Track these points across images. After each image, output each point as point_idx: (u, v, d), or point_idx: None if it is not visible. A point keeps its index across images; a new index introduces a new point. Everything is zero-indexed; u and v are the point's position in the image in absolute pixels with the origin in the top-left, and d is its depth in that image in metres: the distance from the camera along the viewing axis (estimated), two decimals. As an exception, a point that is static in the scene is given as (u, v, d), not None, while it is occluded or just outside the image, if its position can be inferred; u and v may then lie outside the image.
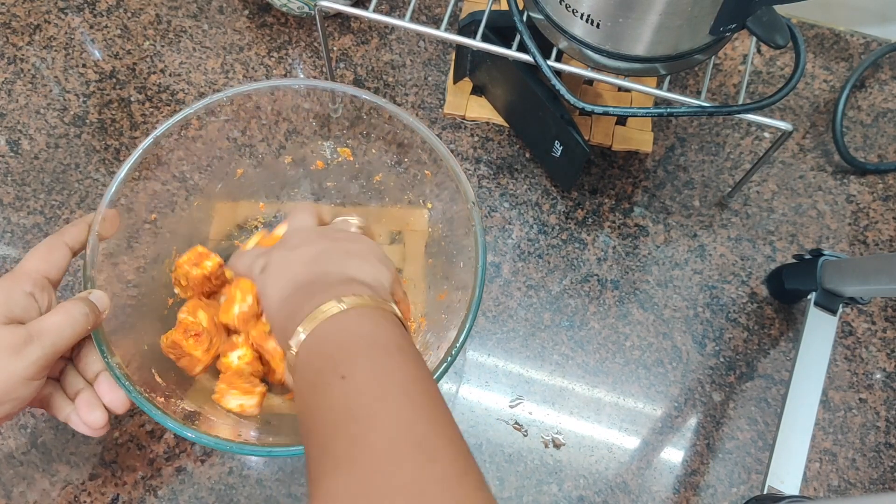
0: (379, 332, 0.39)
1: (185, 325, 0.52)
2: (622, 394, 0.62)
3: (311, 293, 0.42)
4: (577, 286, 0.65)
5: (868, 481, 0.59)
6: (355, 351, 0.38)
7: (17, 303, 0.44)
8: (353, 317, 0.40)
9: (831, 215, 0.69)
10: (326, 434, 0.35)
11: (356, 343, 0.39)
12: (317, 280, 0.44)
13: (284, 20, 0.75)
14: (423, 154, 0.56)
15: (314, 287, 0.43)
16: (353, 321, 0.40)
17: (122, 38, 0.74)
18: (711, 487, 0.59)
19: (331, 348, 0.39)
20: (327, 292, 0.41)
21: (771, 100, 0.55)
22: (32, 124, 0.69)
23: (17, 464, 0.57)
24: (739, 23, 0.51)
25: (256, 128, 0.58)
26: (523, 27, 0.55)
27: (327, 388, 0.37)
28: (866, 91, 0.74)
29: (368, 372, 0.37)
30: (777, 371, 0.63)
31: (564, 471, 0.59)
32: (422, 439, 0.34)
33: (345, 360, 0.38)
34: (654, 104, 0.72)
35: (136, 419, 0.59)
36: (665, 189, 0.69)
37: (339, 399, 0.36)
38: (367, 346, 0.39)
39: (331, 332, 0.39)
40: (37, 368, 0.43)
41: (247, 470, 0.58)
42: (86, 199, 0.66)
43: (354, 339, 0.39)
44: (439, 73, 0.73)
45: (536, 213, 0.67)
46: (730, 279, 0.66)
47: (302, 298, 0.42)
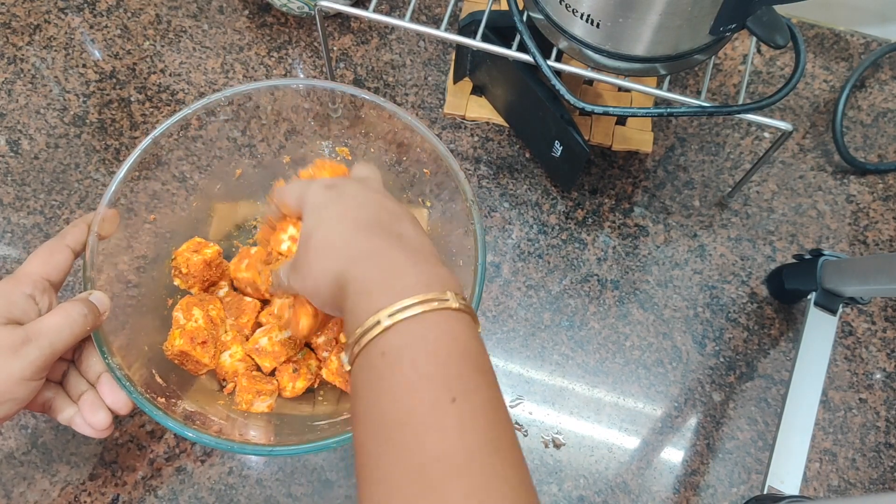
0: (483, 357, 0.35)
1: (191, 333, 0.52)
2: (622, 394, 0.62)
3: (411, 255, 0.37)
4: (577, 286, 0.65)
5: (868, 481, 0.59)
6: (467, 374, 0.34)
7: (17, 304, 0.44)
8: (463, 323, 0.35)
9: (831, 215, 0.69)
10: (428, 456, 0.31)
11: (466, 363, 0.34)
12: (407, 237, 0.38)
13: (284, 20, 0.75)
14: (423, 153, 0.56)
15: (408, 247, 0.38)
16: (463, 328, 0.35)
17: (122, 38, 0.74)
18: (711, 487, 0.59)
19: (439, 354, 0.34)
20: (434, 269, 0.36)
21: (771, 100, 0.55)
22: (32, 124, 0.69)
23: (18, 464, 0.57)
24: (739, 23, 0.51)
25: (256, 128, 0.58)
26: (523, 27, 0.55)
27: (434, 406, 0.32)
28: (866, 91, 0.74)
29: (484, 404, 0.33)
30: (777, 371, 0.63)
31: (564, 471, 0.59)
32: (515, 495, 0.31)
33: (456, 379, 0.33)
34: (654, 104, 0.72)
35: (136, 419, 0.59)
36: (665, 189, 0.69)
37: (450, 428, 0.32)
38: (476, 370, 0.34)
39: (439, 332, 0.34)
40: (34, 369, 0.43)
41: (247, 470, 0.58)
42: (86, 199, 0.66)
43: (465, 357, 0.34)
44: (439, 73, 0.73)
45: (536, 213, 0.67)
46: (730, 279, 0.66)
47: (400, 254, 0.37)
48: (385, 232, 0.39)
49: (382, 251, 0.38)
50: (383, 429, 0.33)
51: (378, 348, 0.34)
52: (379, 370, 0.34)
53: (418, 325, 0.34)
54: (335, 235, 0.39)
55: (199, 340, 0.53)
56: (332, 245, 0.39)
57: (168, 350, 0.53)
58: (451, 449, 0.31)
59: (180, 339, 0.52)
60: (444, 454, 0.31)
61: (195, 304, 0.54)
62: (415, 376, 0.33)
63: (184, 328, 0.53)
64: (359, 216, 0.40)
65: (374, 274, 0.37)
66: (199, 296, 0.56)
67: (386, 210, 0.41)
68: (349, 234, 0.39)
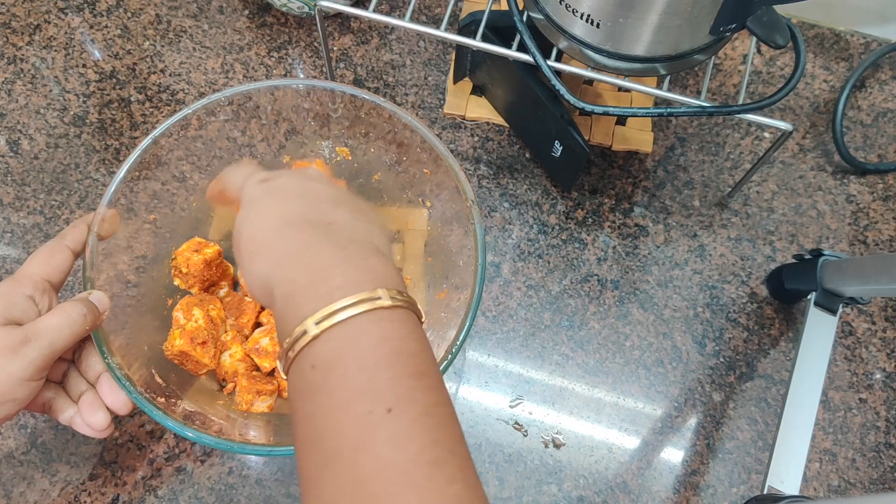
0: (421, 356, 0.33)
1: (191, 333, 0.52)
2: (622, 394, 0.62)
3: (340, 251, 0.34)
4: (577, 286, 0.65)
5: (868, 481, 0.59)
6: (402, 381, 0.31)
7: (17, 305, 0.44)
8: (396, 322, 0.33)
9: (831, 215, 0.69)
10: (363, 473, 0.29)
11: (401, 368, 0.32)
12: (340, 229, 0.36)
13: (284, 20, 0.75)
14: (423, 153, 0.56)
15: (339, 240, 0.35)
16: (396, 328, 0.33)
17: (122, 38, 0.74)
18: (711, 487, 0.59)
19: (370, 361, 0.32)
20: (364, 265, 0.34)
21: (771, 100, 0.55)
22: (32, 124, 0.69)
23: (17, 464, 0.57)
24: (739, 23, 0.51)
25: (256, 128, 0.58)
26: (523, 27, 0.55)
27: (365, 419, 0.30)
28: (866, 91, 0.74)
29: (420, 415, 0.31)
30: (777, 371, 0.63)
31: (564, 471, 0.59)
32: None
33: (389, 388, 0.31)
34: (654, 104, 0.72)
35: (136, 419, 0.59)
36: (665, 189, 0.69)
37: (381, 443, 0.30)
38: (413, 375, 0.32)
39: (370, 337, 0.32)
40: (34, 369, 0.43)
41: (247, 470, 0.58)
42: (86, 199, 0.66)
43: (398, 361, 0.32)
44: (439, 73, 0.73)
45: (536, 213, 0.67)
46: (730, 279, 0.66)
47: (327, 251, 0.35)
48: (315, 225, 0.36)
49: (309, 248, 0.35)
50: (318, 447, 0.31)
51: (308, 360, 0.32)
52: (310, 383, 0.32)
53: (348, 331, 0.32)
54: (261, 234, 0.37)
55: (199, 340, 0.53)
56: (258, 244, 0.37)
57: (168, 350, 0.53)
58: (384, 466, 0.29)
59: (180, 339, 0.52)
60: (378, 472, 0.29)
61: (195, 304, 0.54)
62: (346, 389, 0.31)
63: (184, 328, 0.53)
64: (289, 210, 0.37)
65: (300, 276, 0.34)
66: (199, 296, 0.56)
67: (320, 199, 0.38)
68: (275, 233, 0.36)
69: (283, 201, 0.38)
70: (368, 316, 0.32)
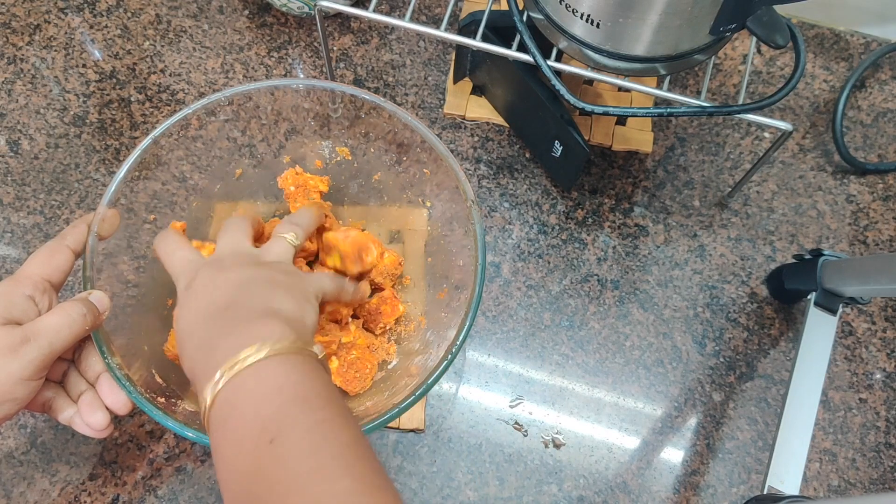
0: (306, 384, 0.37)
1: None
2: (622, 394, 0.62)
3: (230, 326, 0.39)
4: (577, 286, 0.65)
5: (868, 481, 0.59)
6: (283, 409, 0.35)
7: (17, 305, 0.44)
8: (277, 364, 0.37)
9: (831, 215, 0.69)
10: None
11: (283, 398, 0.36)
12: (237, 307, 0.41)
13: (284, 20, 0.75)
14: (423, 153, 0.56)
15: (233, 317, 0.40)
16: (276, 370, 0.37)
17: (122, 38, 0.74)
18: (711, 487, 0.59)
19: (254, 402, 0.36)
20: (247, 329, 0.39)
21: (771, 100, 0.55)
22: (32, 124, 0.69)
23: (17, 464, 0.57)
24: (739, 23, 0.51)
25: (256, 128, 0.58)
26: (523, 27, 0.55)
27: (255, 453, 0.34)
28: (866, 91, 0.74)
29: (301, 435, 0.34)
30: (777, 371, 0.63)
31: (564, 471, 0.59)
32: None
33: (272, 419, 0.35)
34: (654, 104, 0.72)
35: (136, 419, 0.59)
36: (665, 189, 0.69)
37: (270, 468, 0.33)
38: (294, 401, 0.35)
39: (253, 383, 0.36)
40: (34, 369, 0.42)
41: (247, 470, 0.58)
42: (86, 199, 0.66)
43: (280, 394, 0.36)
44: (439, 73, 0.73)
45: (536, 213, 0.67)
46: (730, 279, 0.66)
47: (219, 331, 0.39)
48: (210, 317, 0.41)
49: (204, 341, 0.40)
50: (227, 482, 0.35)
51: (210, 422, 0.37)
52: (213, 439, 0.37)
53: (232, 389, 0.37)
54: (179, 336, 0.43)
55: None
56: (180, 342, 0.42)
57: (169, 351, 0.53)
58: (272, 488, 0.33)
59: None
60: (266, 495, 0.33)
61: None
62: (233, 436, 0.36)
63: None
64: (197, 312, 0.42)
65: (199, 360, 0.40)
66: None
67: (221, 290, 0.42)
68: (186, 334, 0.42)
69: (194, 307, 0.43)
70: (240, 376, 0.37)
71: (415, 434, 0.59)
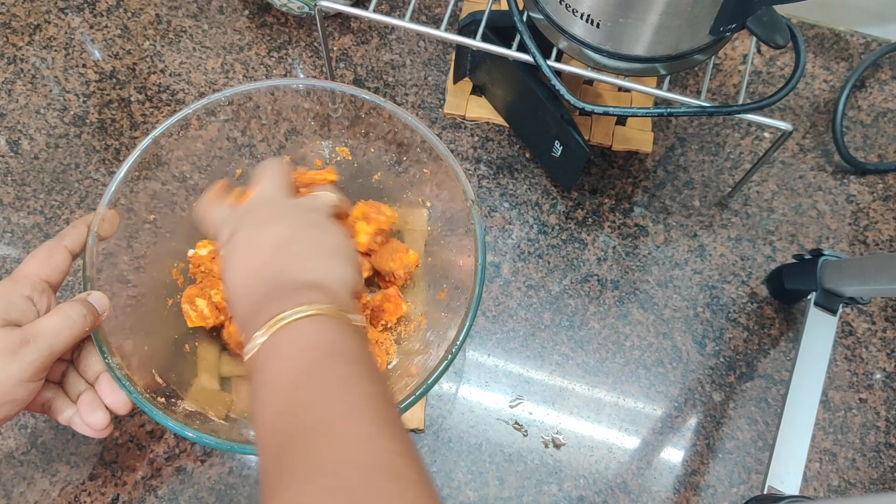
0: (342, 341, 0.38)
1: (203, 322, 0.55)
2: (622, 394, 0.62)
3: (275, 293, 0.40)
4: (577, 286, 0.65)
5: (868, 481, 0.59)
6: (318, 359, 0.37)
7: (15, 306, 0.44)
8: (316, 323, 0.38)
9: (831, 215, 0.69)
10: (284, 445, 0.33)
11: (319, 350, 0.37)
12: (282, 275, 0.42)
13: (284, 20, 0.75)
14: (423, 153, 0.56)
15: (278, 285, 0.41)
16: (315, 328, 0.38)
17: (122, 38, 0.74)
18: (711, 487, 0.59)
19: (291, 353, 0.37)
20: (290, 297, 0.39)
21: (771, 100, 0.55)
22: (32, 124, 0.69)
23: (17, 464, 0.57)
24: (739, 23, 0.51)
25: (256, 128, 0.58)
26: (523, 27, 0.55)
27: (287, 397, 0.35)
28: (866, 91, 0.74)
29: (332, 383, 0.35)
30: (777, 371, 0.63)
31: (564, 471, 0.59)
32: (386, 460, 0.32)
33: (306, 368, 0.36)
34: (654, 104, 0.72)
35: (136, 419, 0.59)
36: (665, 189, 0.69)
37: (300, 409, 0.35)
38: (329, 354, 0.37)
39: (292, 337, 0.38)
40: (33, 370, 0.42)
41: (247, 470, 0.58)
42: (86, 199, 0.66)
43: (317, 346, 0.37)
44: (439, 73, 0.73)
45: (536, 213, 0.67)
46: (730, 279, 0.66)
47: (264, 296, 0.41)
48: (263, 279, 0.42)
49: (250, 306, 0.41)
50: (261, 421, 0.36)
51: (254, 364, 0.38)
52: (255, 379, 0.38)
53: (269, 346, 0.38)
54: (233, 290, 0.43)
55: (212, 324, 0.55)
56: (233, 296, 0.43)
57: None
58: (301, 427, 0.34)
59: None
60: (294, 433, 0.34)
61: (196, 294, 0.55)
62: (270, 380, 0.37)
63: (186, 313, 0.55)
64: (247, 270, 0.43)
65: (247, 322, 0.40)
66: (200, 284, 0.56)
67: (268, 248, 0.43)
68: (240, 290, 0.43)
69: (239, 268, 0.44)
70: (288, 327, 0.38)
71: (415, 434, 0.59)
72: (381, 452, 0.33)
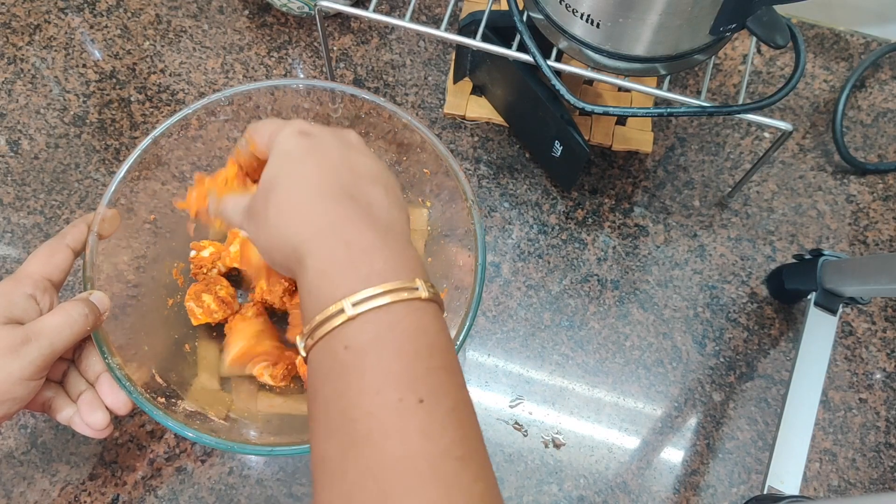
0: (448, 345, 0.33)
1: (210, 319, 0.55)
2: (622, 394, 0.62)
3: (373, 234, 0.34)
4: (577, 286, 0.65)
5: (868, 481, 0.59)
6: (434, 367, 0.32)
7: (18, 304, 0.44)
8: (422, 312, 0.33)
9: (831, 215, 0.69)
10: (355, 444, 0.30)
11: (434, 356, 0.32)
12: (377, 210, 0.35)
13: (284, 20, 0.75)
14: (423, 153, 0.56)
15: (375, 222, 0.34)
16: (423, 318, 0.33)
17: (122, 38, 0.74)
18: (711, 487, 0.59)
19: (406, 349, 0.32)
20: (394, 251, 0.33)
21: (771, 100, 0.55)
22: (32, 124, 0.69)
23: (17, 464, 0.57)
24: (739, 23, 0.51)
25: (256, 128, 0.58)
26: (523, 27, 0.55)
27: (401, 405, 0.30)
28: (866, 91, 0.74)
29: (452, 400, 0.31)
30: (777, 371, 0.63)
31: (564, 471, 0.59)
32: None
33: (426, 377, 0.31)
34: (654, 104, 0.72)
35: (136, 419, 0.59)
36: (665, 189, 0.69)
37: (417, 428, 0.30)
38: (444, 365, 0.32)
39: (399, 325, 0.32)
40: (34, 368, 0.43)
41: (247, 470, 0.58)
42: (86, 199, 0.66)
43: (432, 351, 0.32)
44: (439, 73, 0.73)
45: (536, 213, 0.67)
46: (730, 279, 0.66)
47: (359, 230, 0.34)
48: (355, 201, 0.35)
49: (349, 225, 0.34)
50: (343, 427, 0.31)
51: (340, 340, 0.32)
52: (341, 364, 0.32)
53: (385, 317, 0.32)
54: (298, 198, 0.36)
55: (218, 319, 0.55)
56: (293, 208, 0.35)
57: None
58: (413, 454, 0.29)
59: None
60: (406, 459, 0.29)
61: (202, 290, 0.55)
62: (380, 374, 0.31)
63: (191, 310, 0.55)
64: (328, 178, 0.36)
65: (339, 253, 0.33)
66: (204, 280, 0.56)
67: (360, 173, 0.37)
68: (314, 200, 0.35)
69: (321, 165, 0.37)
70: (407, 305, 0.32)
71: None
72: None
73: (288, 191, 0.36)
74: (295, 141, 0.38)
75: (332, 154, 0.38)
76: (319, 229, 0.34)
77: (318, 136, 0.39)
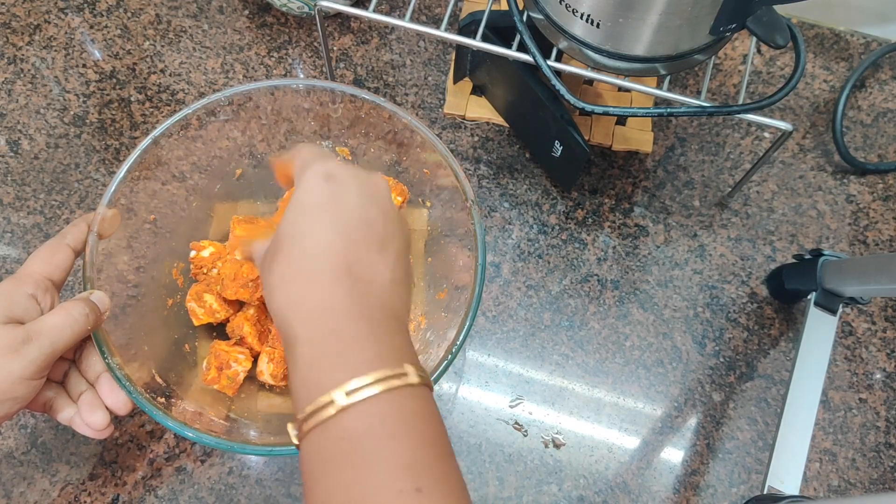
0: (441, 429, 0.34)
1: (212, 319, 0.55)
2: (622, 394, 0.62)
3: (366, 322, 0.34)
4: (577, 286, 0.65)
5: (868, 481, 0.59)
6: (430, 454, 0.32)
7: (19, 304, 0.44)
8: (414, 398, 0.33)
9: (831, 215, 0.69)
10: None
11: (428, 443, 0.32)
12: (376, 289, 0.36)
13: (284, 20, 0.75)
14: (423, 153, 0.56)
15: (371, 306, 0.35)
16: (414, 404, 0.33)
17: (122, 38, 0.74)
18: (711, 487, 0.59)
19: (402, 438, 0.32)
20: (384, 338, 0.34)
21: (771, 100, 0.55)
22: (32, 124, 0.69)
23: (17, 464, 0.57)
24: (739, 23, 0.51)
25: (256, 128, 0.58)
26: (523, 27, 0.55)
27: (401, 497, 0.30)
28: (866, 91, 0.74)
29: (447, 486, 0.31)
30: (777, 371, 0.63)
31: (564, 471, 0.59)
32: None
33: (421, 465, 0.31)
34: (654, 104, 0.72)
35: (136, 419, 0.59)
36: (665, 189, 0.69)
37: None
38: (438, 451, 0.33)
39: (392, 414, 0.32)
40: (35, 368, 0.43)
41: (247, 470, 0.58)
42: (86, 199, 0.66)
43: (425, 437, 0.32)
44: (439, 73, 0.73)
45: (536, 213, 0.67)
46: (730, 279, 0.66)
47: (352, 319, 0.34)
48: (355, 280, 0.35)
49: (342, 314, 0.34)
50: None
51: (333, 432, 0.32)
52: (335, 455, 0.32)
53: (377, 407, 0.32)
54: (300, 267, 0.36)
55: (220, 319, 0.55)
56: (294, 279, 0.36)
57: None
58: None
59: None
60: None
61: (204, 290, 0.55)
62: (375, 464, 0.31)
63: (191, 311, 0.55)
64: (336, 246, 0.36)
65: (329, 342, 0.34)
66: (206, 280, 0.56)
67: (372, 235, 0.37)
68: (313, 278, 0.35)
69: (335, 226, 0.36)
70: (398, 392, 0.33)
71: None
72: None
73: (291, 258, 0.36)
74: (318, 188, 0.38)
75: (349, 209, 0.38)
76: (311, 314, 0.35)
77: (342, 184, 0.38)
